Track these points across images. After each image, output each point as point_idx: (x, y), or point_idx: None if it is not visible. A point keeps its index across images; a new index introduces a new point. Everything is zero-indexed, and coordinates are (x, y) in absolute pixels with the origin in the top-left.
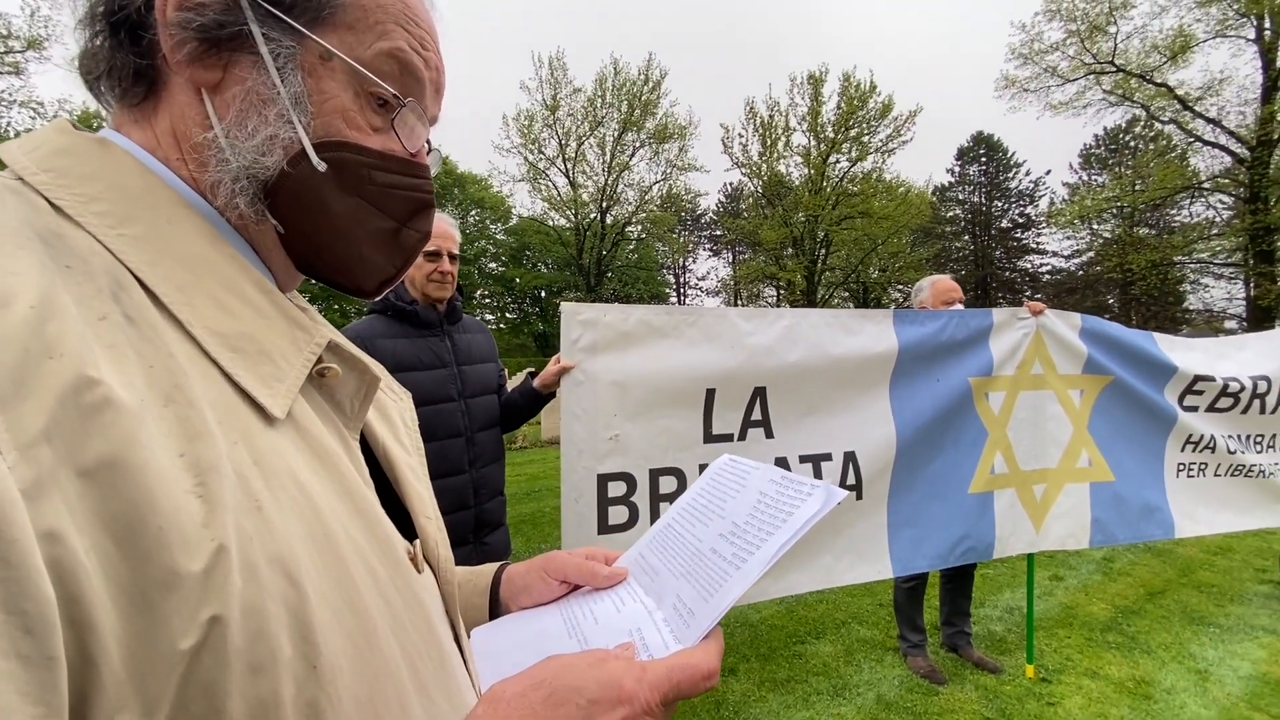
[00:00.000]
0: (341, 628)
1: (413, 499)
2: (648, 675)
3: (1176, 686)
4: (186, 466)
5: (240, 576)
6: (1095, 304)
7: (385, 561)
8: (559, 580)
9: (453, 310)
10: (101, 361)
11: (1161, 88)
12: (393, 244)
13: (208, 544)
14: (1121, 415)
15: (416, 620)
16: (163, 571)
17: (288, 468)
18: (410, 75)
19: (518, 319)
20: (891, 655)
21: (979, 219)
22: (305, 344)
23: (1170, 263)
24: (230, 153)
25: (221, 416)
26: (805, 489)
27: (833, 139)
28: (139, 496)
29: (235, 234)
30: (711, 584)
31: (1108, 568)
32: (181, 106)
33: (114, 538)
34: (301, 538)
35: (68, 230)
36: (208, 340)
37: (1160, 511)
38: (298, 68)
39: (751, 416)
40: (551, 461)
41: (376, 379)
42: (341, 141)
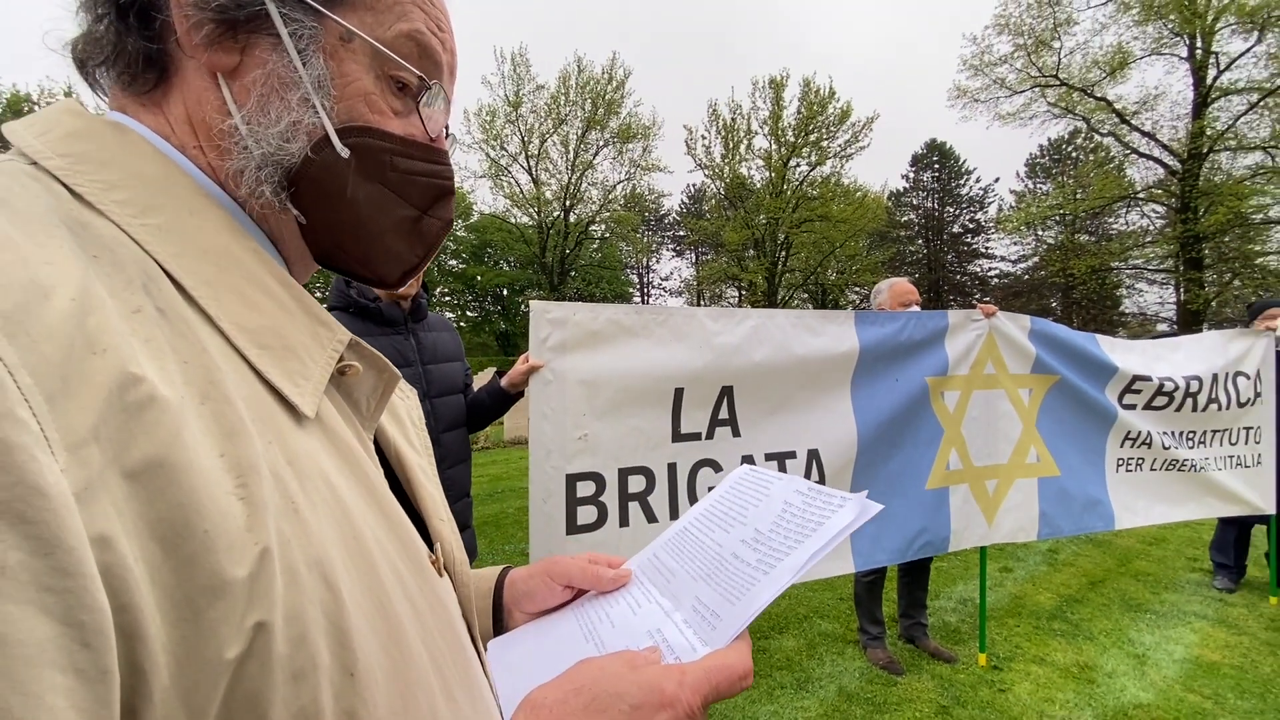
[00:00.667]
0: (375, 633)
1: (425, 501)
2: (688, 678)
3: (1117, 670)
4: (227, 467)
5: (282, 581)
6: (1039, 307)
7: (410, 565)
8: (563, 585)
9: (417, 308)
10: (141, 357)
11: (1101, 101)
12: (415, 233)
13: (252, 548)
14: (1067, 413)
15: (441, 625)
16: (209, 577)
17: (318, 467)
18: (429, 58)
19: (479, 317)
20: (852, 648)
21: (932, 224)
22: (328, 340)
23: (1108, 268)
24: (252, 140)
25: (255, 414)
26: (835, 501)
27: (793, 143)
28: (185, 499)
29: (254, 225)
30: (736, 588)
31: (1053, 559)
32: (197, 92)
33: (160, 542)
34: (334, 541)
35: (91, 219)
36: (236, 336)
37: (1102, 504)
38: (319, 49)
39: (719, 415)
40: (515, 462)
41: (395, 378)
42: (365, 126)
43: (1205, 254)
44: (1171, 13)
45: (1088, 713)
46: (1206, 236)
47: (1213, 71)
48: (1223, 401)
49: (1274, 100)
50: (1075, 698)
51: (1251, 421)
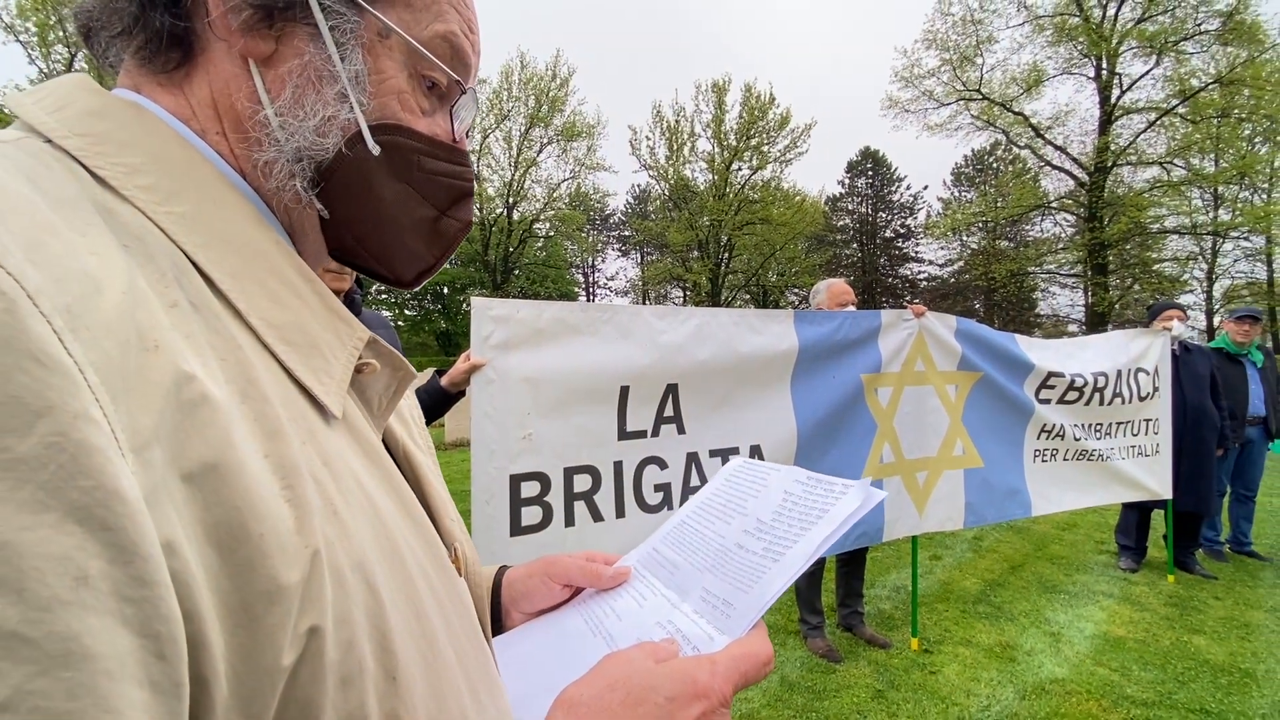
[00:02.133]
0: (411, 636)
1: (435, 500)
2: (719, 667)
3: (1035, 648)
4: (273, 468)
5: (331, 584)
6: (964, 308)
7: (435, 565)
8: (562, 585)
9: (351, 303)
10: (188, 353)
11: (1019, 116)
12: (433, 233)
13: (303, 551)
14: (989, 407)
15: (465, 625)
16: (266, 582)
17: (349, 469)
18: (460, 60)
19: (418, 316)
20: (793, 638)
21: (866, 228)
22: (349, 337)
23: (1026, 272)
24: (283, 133)
25: (290, 413)
26: (838, 488)
27: (735, 147)
28: (240, 502)
29: (273, 217)
30: (746, 577)
31: (977, 545)
32: (226, 77)
33: (217, 547)
34: (370, 542)
35: (116, 205)
36: (265, 331)
37: (1020, 493)
38: (358, 44)
39: (664, 413)
40: (457, 465)
41: (410, 375)
42: (396, 125)
43: (1110, 260)
44: (1080, 35)
45: (1010, 689)
46: (1110, 244)
47: (1116, 91)
48: (1126, 395)
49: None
50: (999, 676)
51: (1151, 414)
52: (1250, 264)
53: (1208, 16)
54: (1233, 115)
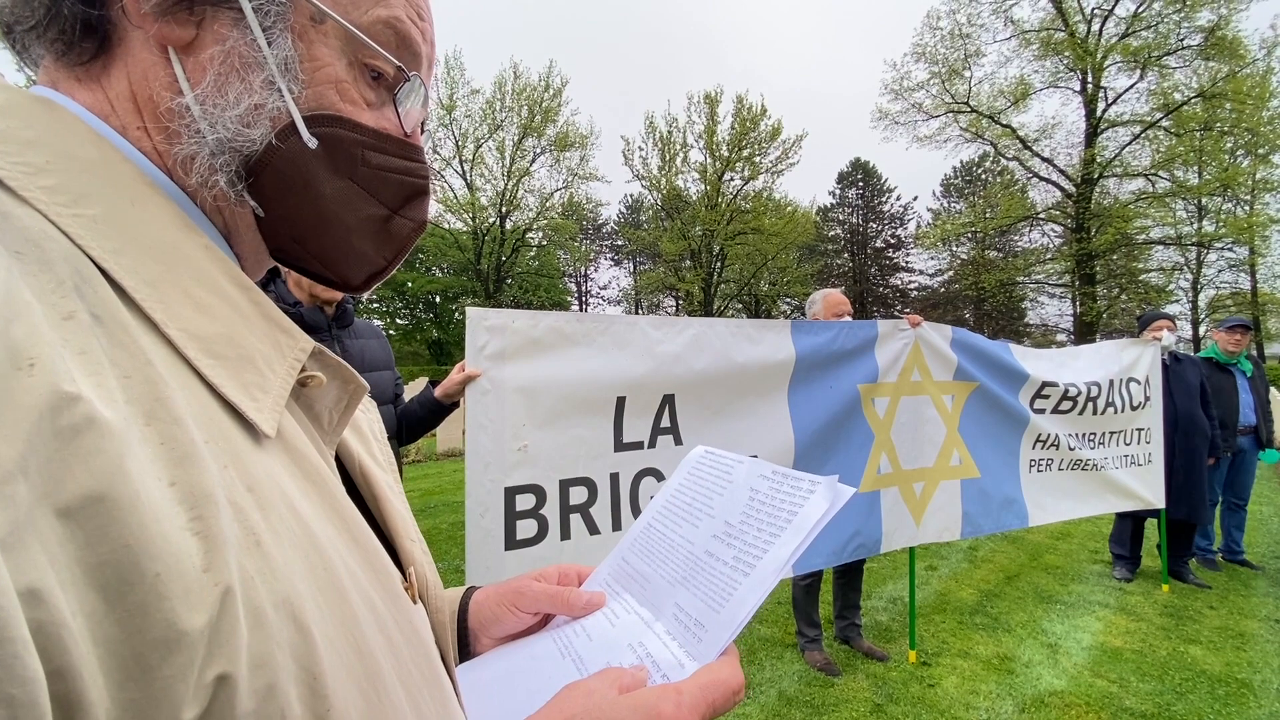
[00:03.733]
0: (349, 675)
1: (394, 520)
2: (685, 698)
3: (1033, 660)
4: (178, 498)
5: (246, 625)
6: (954, 318)
7: (384, 594)
8: (530, 613)
9: (343, 313)
10: (76, 372)
11: (1006, 128)
12: (384, 233)
13: (211, 590)
14: (985, 417)
15: (417, 657)
16: (163, 628)
17: (281, 492)
18: (407, 48)
19: (410, 325)
20: (790, 651)
21: (857, 238)
22: (289, 349)
23: (1014, 282)
24: (205, 123)
25: (209, 435)
26: (805, 485)
27: (727, 157)
28: (131, 539)
29: (205, 219)
30: (717, 592)
31: (973, 556)
32: (144, 67)
33: (102, 591)
34: (303, 575)
35: (13, 207)
36: (186, 344)
37: (1017, 503)
38: (287, 29)
39: (661, 424)
40: (448, 475)
41: (362, 389)
42: (335, 115)
43: (1097, 270)
44: (1066, 50)
45: (1009, 702)
46: (1098, 254)
47: (1102, 104)
48: (1118, 405)
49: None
50: (997, 688)
51: (1143, 423)
52: (1234, 274)
53: (1190, 32)
54: (1215, 128)
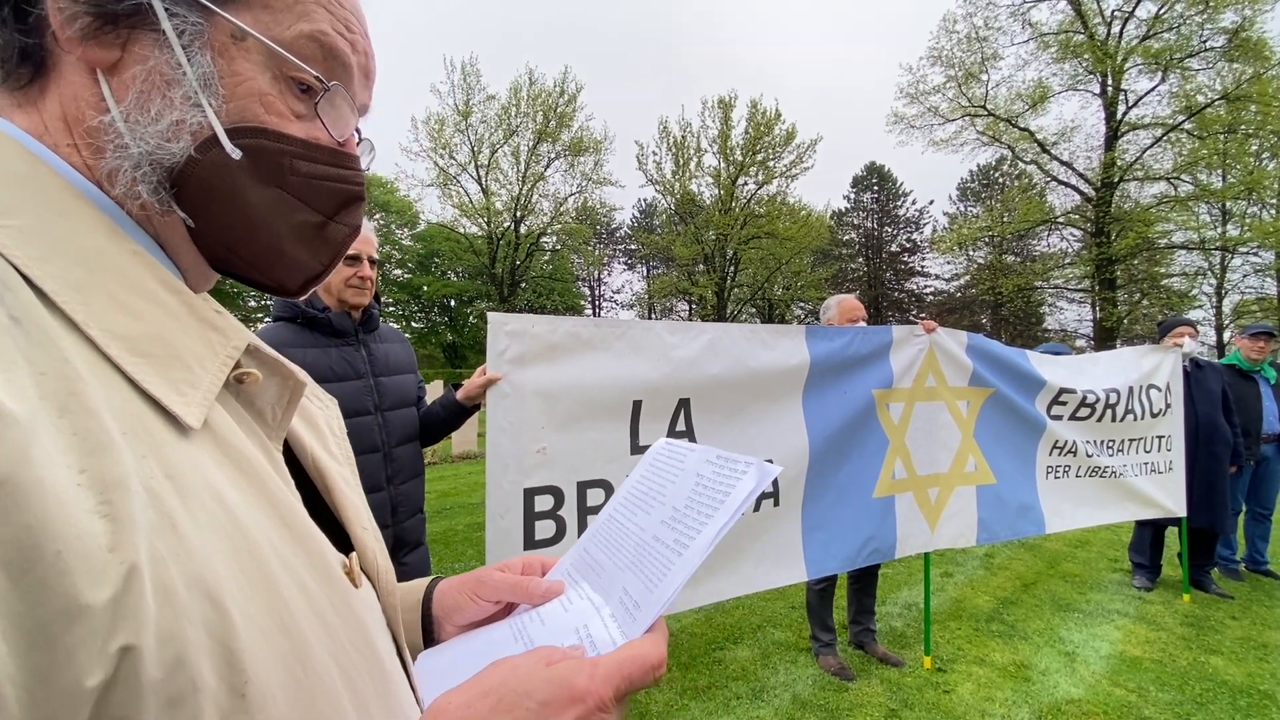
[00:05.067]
0: (273, 651)
1: (346, 509)
2: (600, 670)
3: (1050, 668)
4: (88, 484)
5: (155, 601)
6: (971, 323)
7: (318, 577)
8: (492, 601)
9: (369, 318)
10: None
11: (1024, 132)
12: (318, 239)
13: (115, 567)
14: (1001, 424)
15: (355, 638)
16: (64, 600)
17: (205, 481)
18: (335, 60)
19: (425, 328)
20: (805, 656)
21: (872, 243)
22: (221, 347)
23: (1032, 287)
24: (130, 137)
25: (127, 427)
26: (740, 467)
27: (741, 162)
28: (33, 520)
29: (137, 228)
30: (656, 573)
31: (989, 563)
32: (74, 88)
33: (5, 567)
34: (224, 556)
35: None
36: (108, 344)
37: (1033, 510)
38: (206, 46)
39: (676, 427)
40: (464, 477)
41: (301, 384)
42: (259, 128)
43: (1117, 275)
44: (1085, 53)
45: (1025, 710)
46: (1118, 259)
47: (1122, 107)
48: (1138, 412)
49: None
50: (1013, 695)
51: (1163, 431)
52: (1260, 279)
53: (1213, 34)
54: (1240, 131)
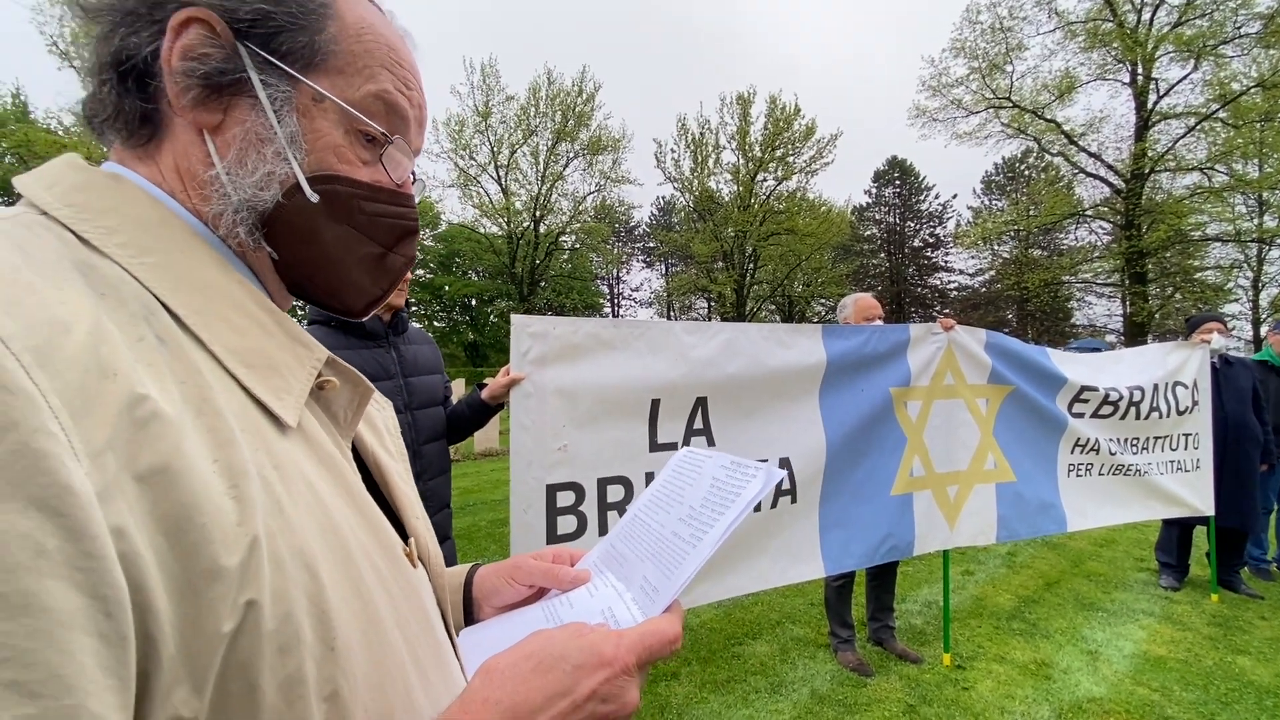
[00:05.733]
0: (352, 614)
1: (401, 501)
2: (624, 640)
3: (1072, 667)
4: (220, 471)
5: (269, 567)
6: (996, 319)
7: (384, 556)
8: (525, 585)
9: (399, 321)
10: (146, 379)
11: (1051, 123)
12: (379, 268)
13: (242, 538)
14: (1021, 421)
15: (414, 609)
16: (208, 563)
17: (300, 471)
18: (396, 114)
19: (447, 328)
20: (823, 651)
21: (894, 238)
22: (307, 359)
23: (1060, 282)
24: (231, 188)
25: (243, 425)
26: (750, 471)
27: (760, 158)
28: (185, 499)
29: (238, 260)
30: (673, 563)
31: (1011, 561)
32: (185, 145)
33: (166, 535)
34: (315, 534)
35: (97, 261)
36: (225, 357)
37: (1054, 508)
38: (293, 109)
39: (694, 425)
40: (486, 475)
41: (369, 391)
42: (333, 175)
43: (1149, 269)
44: (1114, 41)
45: (1045, 708)
46: (1149, 252)
47: (1153, 96)
48: (1163, 410)
49: (1210, 124)
50: (1034, 694)
51: (1190, 428)
52: None
53: (1248, 19)
54: (1277, 119)
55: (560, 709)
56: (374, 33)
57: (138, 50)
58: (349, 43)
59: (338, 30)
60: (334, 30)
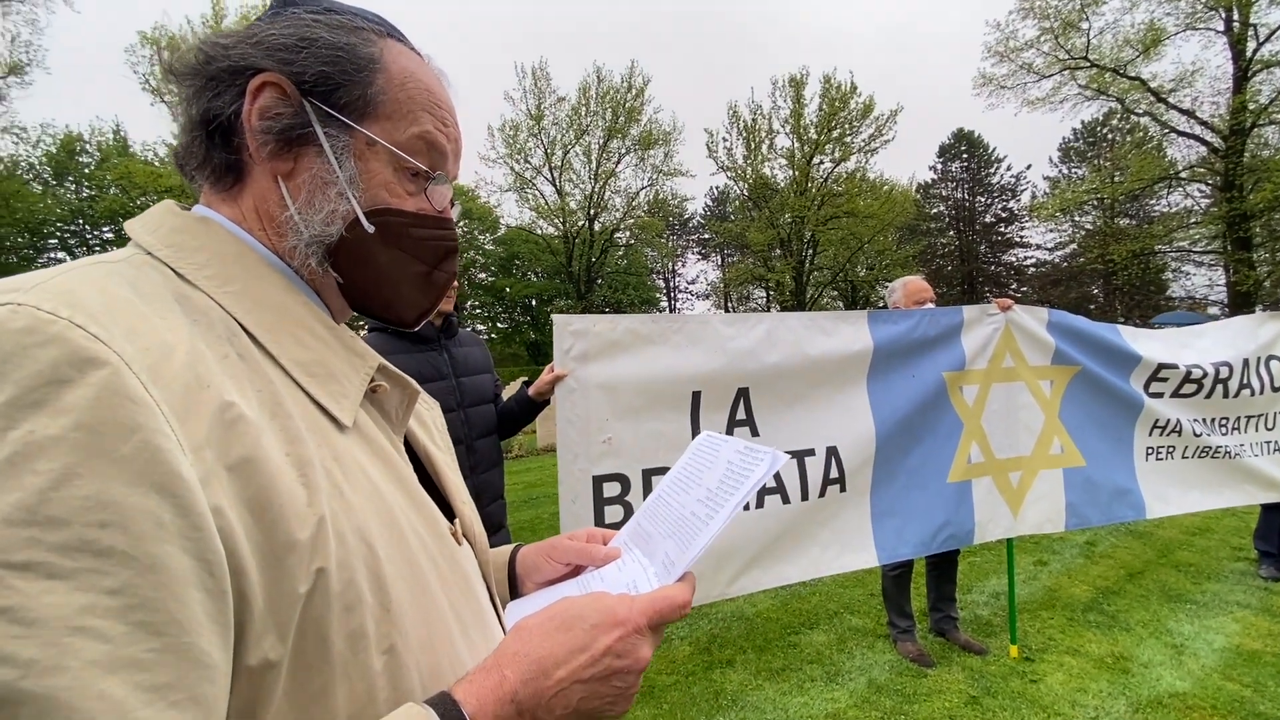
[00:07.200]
0: (403, 581)
1: (450, 488)
2: (636, 604)
3: (1153, 660)
4: (292, 463)
5: (334, 541)
6: (1080, 295)
7: (432, 534)
8: (562, 563)
9: (449, 325)
10: (231, 389)
11: (1135, 81)
12: (426, 283)
13: (312, 517)
14: (1090, 403)
15: (458, 579)
16: (285, 536)
17: (357, 462)
18: (436, 150)
19: (509, 328)
20: (882, 642)
21: (963, 215)
22: (361, 367)
23: (1151, 252)
24: (303, 225)
25: (309, 425)
26: (758, 456)
27: (816, 140)
28: (266, 484)
29: (305, 284)
30: (689, 538)
31: (1090, 551)
32: (263, 190)
33: (252, 513)
34: (371, 514)
35: (189, 292)
36: (292, 368)
37: (1131, 493)
38: (350, 154)
39: (736, 416)
40: (549, 469)
41: (416, 392)
42: (386, 208)
43: (1254, 233)
44: None
45: (1121, 702)
46: (1254, 214)
47: (1252, 44)
48: (1256, 387)
49: None
50: (1109, 687)
51: None
52: None
53: None
54: None
55: (580, 662)
56: (415, 80)
57: (222, 111)
58: (394, 91)
59: (385, 81)
60: (381, 82)
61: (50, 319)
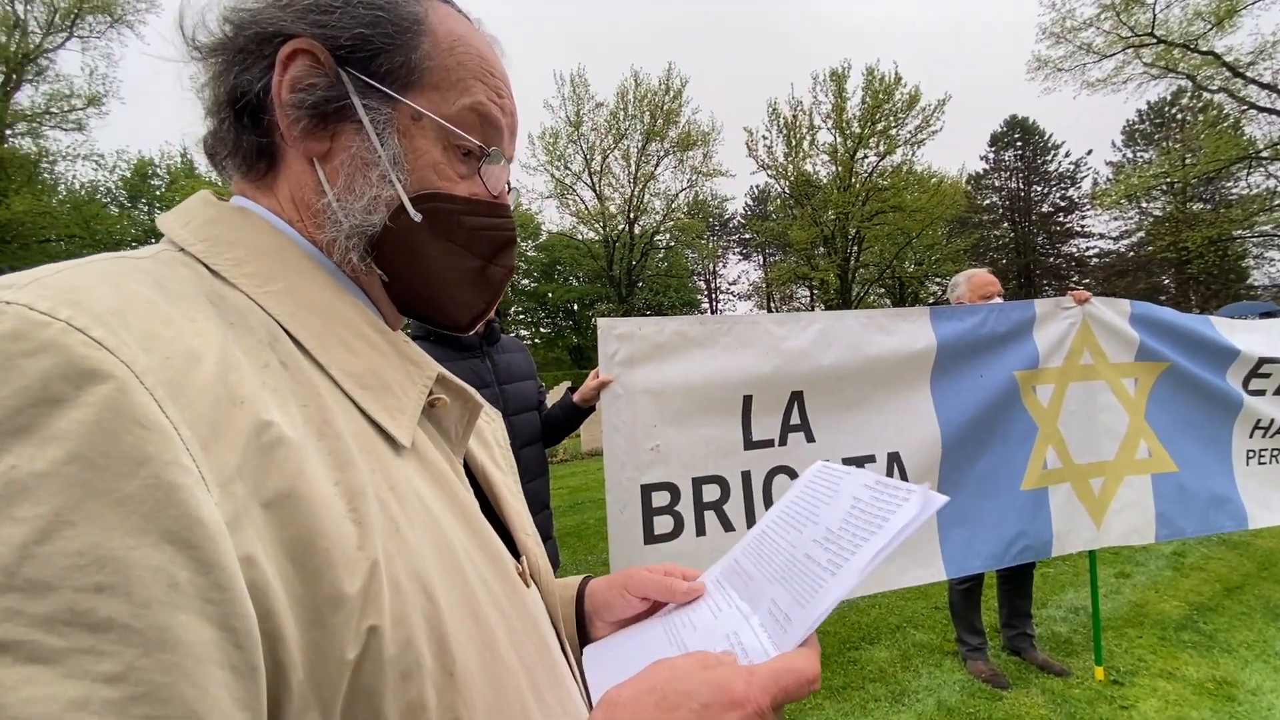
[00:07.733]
0: (469, 637)
1: (512, 517)
2: (757, 679)
3: (1263, 687)
4: (341, 494)
5: (389, 591)
6: (1149, 285)
7: (497, 576)
8: (639, 598)
9: (491, 331)
10: (271, 404)
11: (1208, 56)
12: (481, 281)
13: (363, 563)
14: (1182, 403)
15: (529, 631)
16: (331, 588)
17: (415, 491)
18: (490, 125)
19: (552, 333)
20: (950, 660)
21: (1018, 205)
22: (418, 378)
23: (1230, 238)
24: (342, 214)
25: (361, 446)
26: (901, 493)
27: (859, 134)
28: (310, 523)
29: (352, 283)
30: (807, 590)
31: (1178, 563)
32: (298, 175)
33: (292, 560)
34: (431, 555)
35: (226, 291)
36: (343, 379)
37: (1230, 501)
38: (394, 130)
39: (791, 421)
40: (594, 473)
41: (478, 406)
42: (434, 193)
43: None
44: None
45: None
46: None
47: None
48: None
49: None
50: (1213, 716)
51: None
52: None
53: None
54: None
55: None
56: (465, 44)
57: (250, 86)
58: (442, 57)
59: (431, 46)
60: (427, 46)
61: (44, 321)
